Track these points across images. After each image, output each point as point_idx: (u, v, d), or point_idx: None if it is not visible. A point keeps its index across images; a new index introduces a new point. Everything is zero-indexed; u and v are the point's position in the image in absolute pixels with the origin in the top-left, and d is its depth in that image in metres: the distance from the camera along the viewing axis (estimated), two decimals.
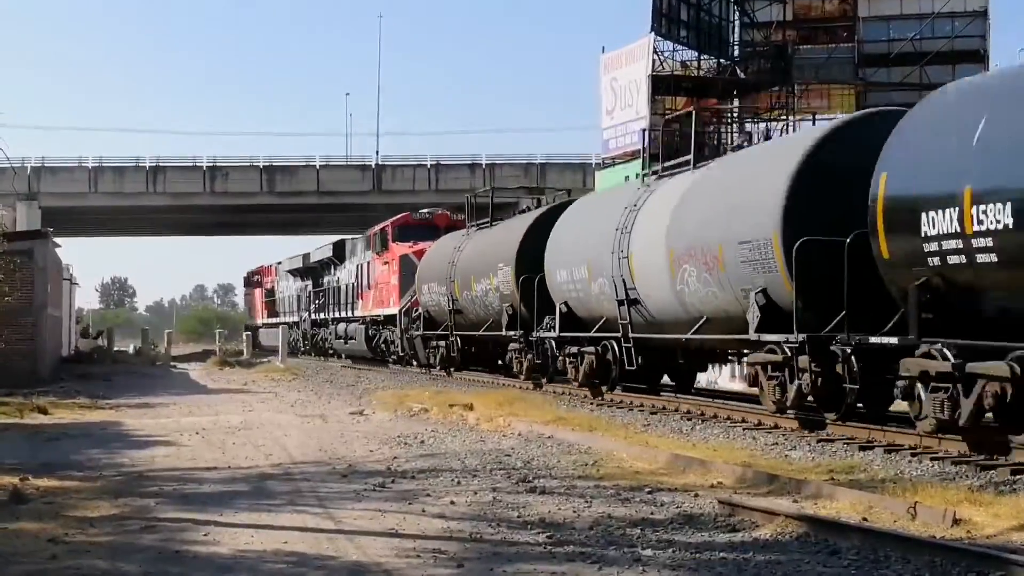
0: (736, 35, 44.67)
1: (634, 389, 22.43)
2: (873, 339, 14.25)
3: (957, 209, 12.41)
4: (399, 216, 40.96)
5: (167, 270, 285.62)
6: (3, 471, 13.12)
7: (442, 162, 67.93)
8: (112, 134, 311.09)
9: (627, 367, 21.40)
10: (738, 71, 44.52)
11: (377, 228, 41.79)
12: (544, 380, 26.06)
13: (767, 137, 28.89)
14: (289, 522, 10.00)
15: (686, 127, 24.02)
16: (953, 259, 12.59)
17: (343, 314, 46.70)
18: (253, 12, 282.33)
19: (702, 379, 24.88)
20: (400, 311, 37.53)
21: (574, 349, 23.69)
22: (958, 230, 12.41)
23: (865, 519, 9.37)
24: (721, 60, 44.71)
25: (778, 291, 16.13)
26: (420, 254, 36.50)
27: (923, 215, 12.93)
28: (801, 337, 15.42)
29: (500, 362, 30.23)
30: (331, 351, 49.90)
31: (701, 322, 18.68)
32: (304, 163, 68.51)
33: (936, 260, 12.85)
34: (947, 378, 12.85)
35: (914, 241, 13.14)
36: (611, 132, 46.54)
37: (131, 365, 45.09)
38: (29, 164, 63.81)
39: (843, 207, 14.71)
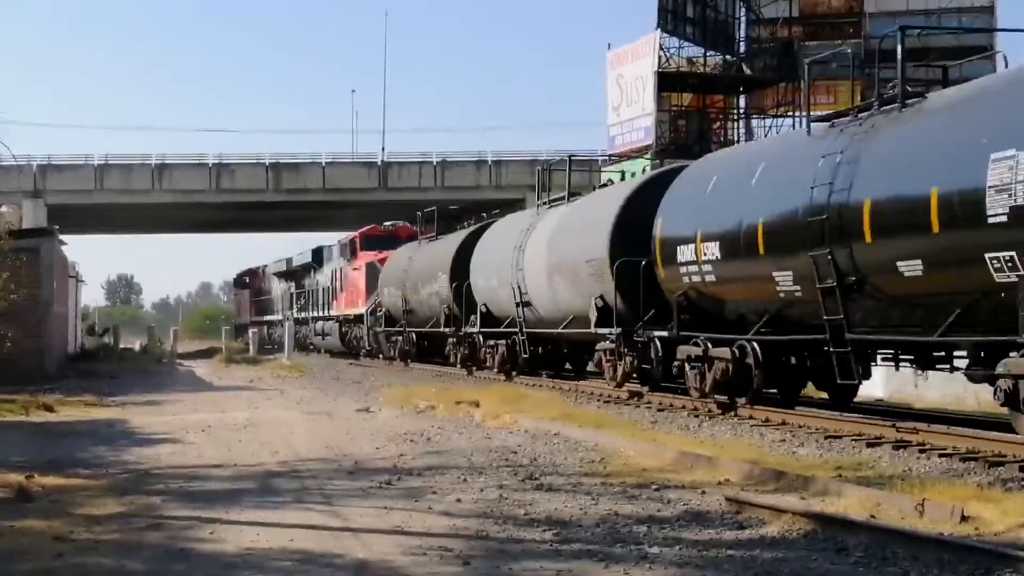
0: (742, 31, 44.58)
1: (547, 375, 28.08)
2: (656, 332, 20.44)
3: (694, 245, 18.87)
4: (366, 228, 47.18)
5: (173, 267, 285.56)
6: (9, 469, 13.13)
7: (448, 159, 67.84)
8: (118, 132, 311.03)
9: (523, 355, 27.76)
10: (744, 67, 44.45)
11: (348, 238, 48.20)
12: (474, 368, 31.41)
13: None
14: (295, 520, 9.98)
15: (692, 124, 29.26)
16: (695, 279, 19.05)
17: (321, 313, 52.24)
18: (259, 9, 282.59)
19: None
20: (367, 311, 43.06)
21: (491, 342, 29.83)
22: (695, 259, 18.89)
23: (873, 516, 9.34)
24: (727, 56, 44.64)
25: (609, 297, 22.11)
26: (383, 261, 41.84)
27: (678, 248, 19.46)
28: (618, 330, 21.82)
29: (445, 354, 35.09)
30: (311, 346, 55.09)
31: (568, 320, 24.69)
32: (310, 160, 68.43)
33: (687, 279, 19.30)
34: (700, 359, 18.93)
35: (675, 266, 19.62)
36: (617, 128, 46.47)
37: (137, 362, 45.11)
38: (35, 162, 63.78)
39: (646, 238, 20.73)
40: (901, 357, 16.08)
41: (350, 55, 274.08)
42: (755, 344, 17.67)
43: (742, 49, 44.60)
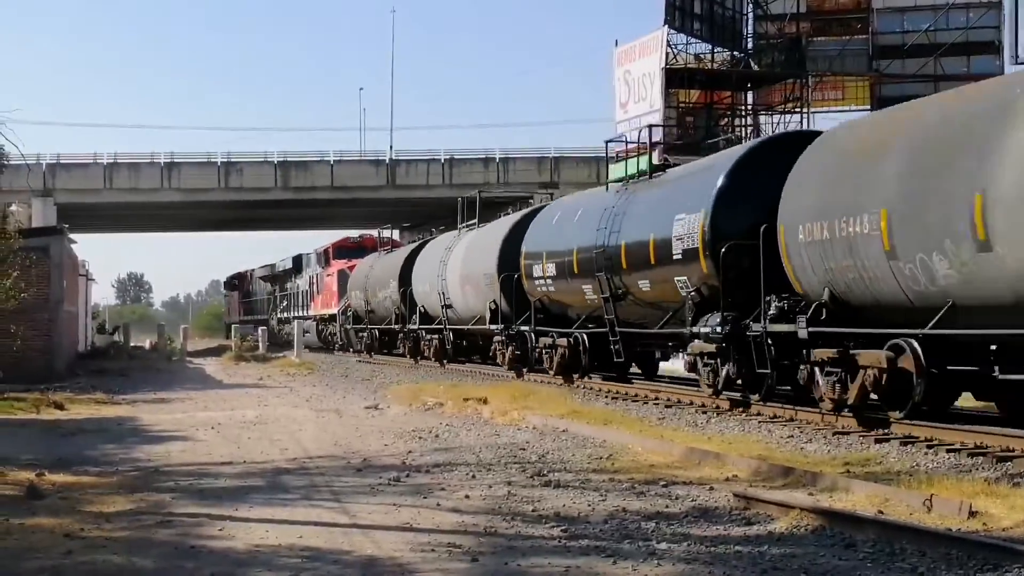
0: (750, 27, 44.50)
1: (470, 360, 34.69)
2: (523, 328, 27.56)
3: (542, 264, 25.75)
4: (339, 239, 55.74)
5: (183, 266, 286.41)
6: (19, 467, 13.18)
7: (456, 156, 67.90)
8: (126, 131, 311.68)
9: (447, 347, 34.67)
10: (752, 64, 44.39)
11: (323, 248, 55.62)
12: (419, 358, 37.59)
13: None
14: (304, 516, 10.01)
15: (699, 121, 28.35)
16: (543, 289, 26.12)
17: (300, 313, 58.57)
18: (267, 8, 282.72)
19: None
20: (339, 311, 50.21)
21: (428, 336, 36.61)
22: (543, 275, 25.78)
23: (881, 512, 9.34)
24: (735, 53, 44.57)
25: (498, 301, 28.79)
26: (352, 268, 48.68)
27: (533, 266, 26.34)
28: (502, 326, 28.59)
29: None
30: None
31: (476, 319, 31.08)
32: (318, 158, 68.51)
33: (540, 289, 26.26)
34: (551, 347, 26.26)
35: (532, 280, 26.54)
36: (625, 125, 46.32)
37: (147, 360, 45.16)
38: (44, 161, 63.95)
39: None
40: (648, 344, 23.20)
41: (358, 53, 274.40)
42: (584, 335, 24.30)
43: (749, 45, 44.53)
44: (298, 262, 60.48)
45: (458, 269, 32.32)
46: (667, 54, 42.89)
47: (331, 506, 10.57)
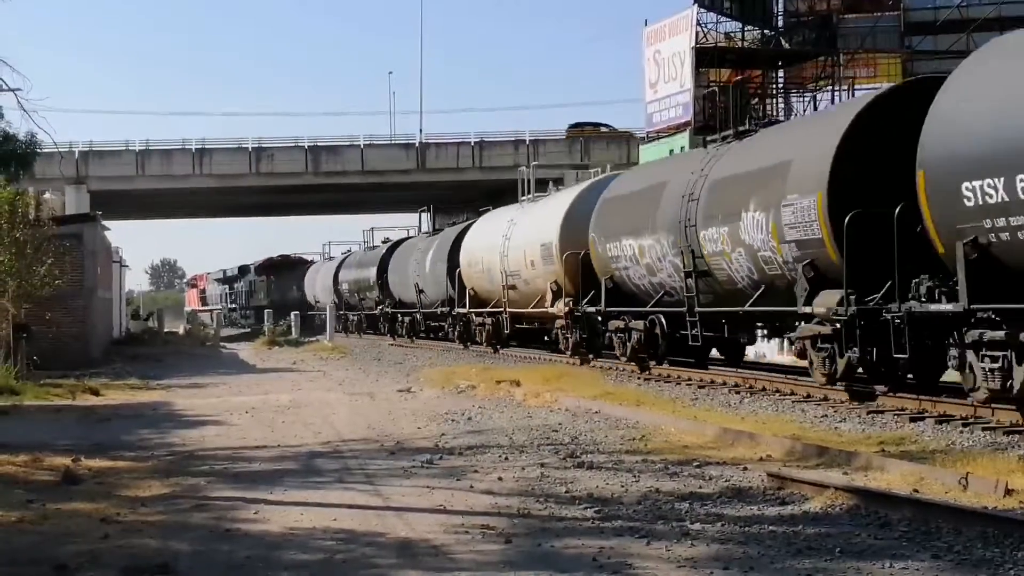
0: (780, 5, 44.20)
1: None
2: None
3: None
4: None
5: (215, 251, 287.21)
6: (56, 452, 13.28)
7: (486, 139, 67.76)
8: (158, 117, 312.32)
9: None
10: (782, 42, 44.10)
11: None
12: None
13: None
14: (338, 499, 10.05)
15: (730, 100, 25.69)
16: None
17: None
18: None
19: (751, 352, 25.93)
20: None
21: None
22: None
23: (916, 490, 9.29)
24: (765, 31, 44.30)
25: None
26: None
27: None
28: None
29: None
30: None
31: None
32: (348, 143, 68.48)
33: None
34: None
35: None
36: (655, 106, 46.25)
37: (181, 346, 45.45)
38: (77, 149, 64.14)
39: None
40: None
41: (386, 37, 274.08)
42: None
43: (780, 23, 44.24)
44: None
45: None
46: (697, 33, 42.70)
47: (365, 489, 10.60)
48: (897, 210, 14.48)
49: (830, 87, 42.45)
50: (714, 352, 23.66)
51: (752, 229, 18.09)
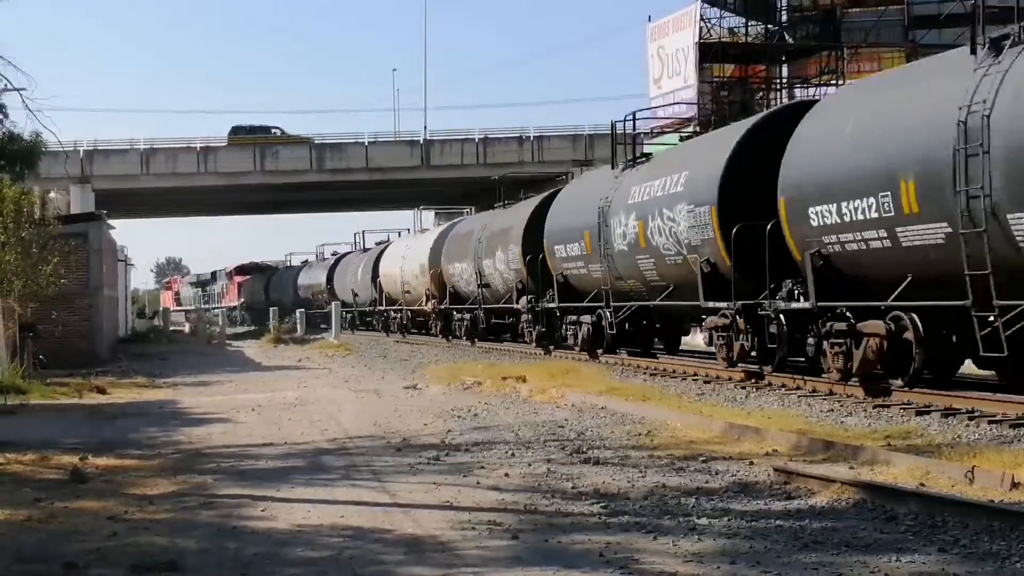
0: (784, 0, 44.14)
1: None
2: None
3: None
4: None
5: (220, 249, 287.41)
6: (63, 451, 13.32)
7: (490, 136, 67.78)
8: (163, 116, 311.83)
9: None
10: (786, 36, 44.04)
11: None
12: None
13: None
14: (345, 496, 10.07)
15: (735, 96, 27.96)
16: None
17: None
18: None
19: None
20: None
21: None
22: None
23: (922, 484, 9.30)
24: (769, 26, 44.22)
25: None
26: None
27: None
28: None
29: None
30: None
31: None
32: (353, 140, 68.62)
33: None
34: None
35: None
36: (659, 101, 46.21)
37: (187, 344, 45.55)
38: (82, 148, 64.26)
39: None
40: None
41: (390, 33, 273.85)
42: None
43: (784, 18, 44.17)
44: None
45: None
46: (701, 29, 42.63)
47: (372, 486, 10.62)
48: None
49: (834, 82, 42.38)
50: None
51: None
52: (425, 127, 69.65)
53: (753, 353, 18.98)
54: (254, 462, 12.38)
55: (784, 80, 45.21)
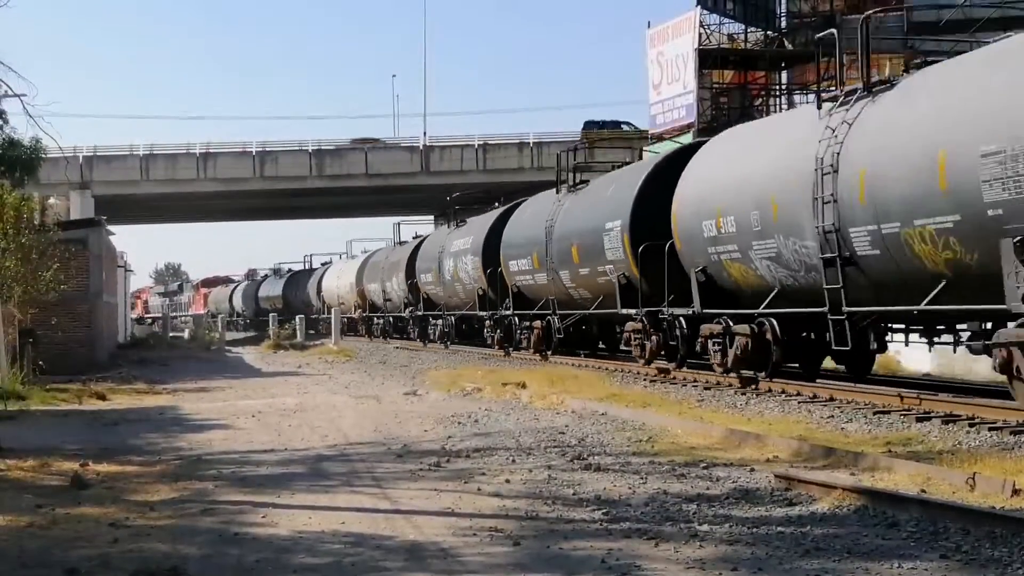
0: (783, 6, 44.19)
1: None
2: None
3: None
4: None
5: (220, 255, 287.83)
6: (64, 457, 13.32)
7: (490, 142, 67.73)
8: (162, 121, 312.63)
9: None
10: (786, 43, 44.08)
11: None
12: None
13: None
14: (346, 503, 10.07)
15: (734, 101, 28.20)
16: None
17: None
18: None
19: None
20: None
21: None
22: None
23: (923, 491, 9.31)
24: (768, 32, 44.28)
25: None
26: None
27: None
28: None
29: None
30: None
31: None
32: (352, 146, 68.61)
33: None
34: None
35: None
36: (658, 107, 46.25)
37: (187, 350, 45.52)
38: (81, 153, 64.18)
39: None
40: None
41: (390, 40, 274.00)
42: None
43: (783, 24, 44.23)
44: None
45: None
46: (700, 35, 42.66)
47: (372, 492, 10.62)
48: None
49: (833, 88, 42.40)
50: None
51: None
52: (425, 132, 69.46)
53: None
54: (255, 468, 12.38)
55: (783, 86, 45.27)
